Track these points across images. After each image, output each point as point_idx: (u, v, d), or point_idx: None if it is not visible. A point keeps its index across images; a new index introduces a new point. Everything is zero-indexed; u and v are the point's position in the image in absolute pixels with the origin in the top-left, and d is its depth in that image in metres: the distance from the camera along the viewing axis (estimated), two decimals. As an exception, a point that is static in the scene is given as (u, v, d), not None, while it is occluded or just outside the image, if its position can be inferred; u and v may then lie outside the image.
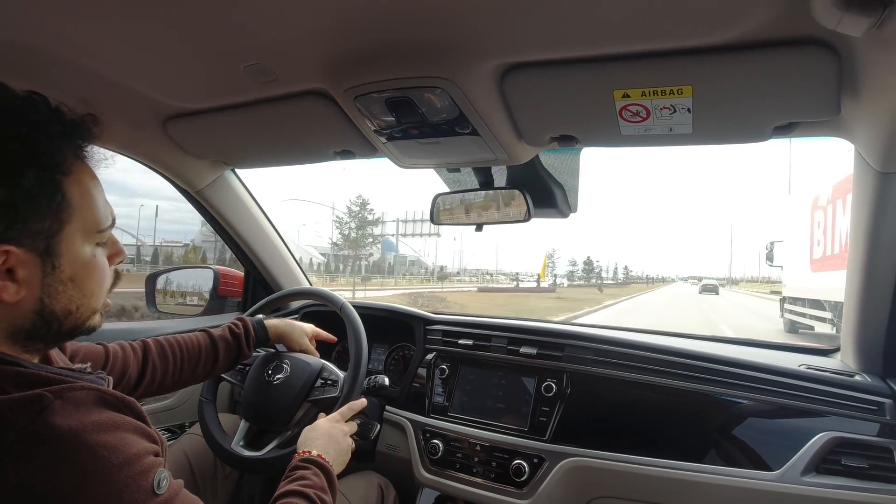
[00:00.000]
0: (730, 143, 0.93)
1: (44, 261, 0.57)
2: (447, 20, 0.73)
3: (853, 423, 0.98)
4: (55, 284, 0.58)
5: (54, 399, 0.51)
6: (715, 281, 60.40)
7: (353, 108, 0.95)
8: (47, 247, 0.57)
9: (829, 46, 0.69)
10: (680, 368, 1.11)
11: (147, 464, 0.54)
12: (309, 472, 0.83)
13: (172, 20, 0.78)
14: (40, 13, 0.78)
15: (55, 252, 0.57)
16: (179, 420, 1.55)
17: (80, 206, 0.59)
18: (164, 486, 0.55)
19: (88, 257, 0.61)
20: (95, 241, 0.62)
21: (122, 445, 0.52)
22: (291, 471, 0.84)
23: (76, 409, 0.52)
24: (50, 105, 0.59)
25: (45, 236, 0.56)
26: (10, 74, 0.91)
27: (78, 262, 0.60)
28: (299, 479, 0.81)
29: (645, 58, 0.76)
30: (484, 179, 1.23)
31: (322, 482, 0.82)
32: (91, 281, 0.62)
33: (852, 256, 1.06)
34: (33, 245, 0.55)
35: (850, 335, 1.13)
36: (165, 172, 1.44)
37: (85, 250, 0.61)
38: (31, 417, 0.49)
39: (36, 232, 0.55)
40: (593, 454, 1.10)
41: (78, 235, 0.59)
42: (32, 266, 0.56)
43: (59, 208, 0.57)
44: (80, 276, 0.60)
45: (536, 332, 1.29)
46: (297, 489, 0.78)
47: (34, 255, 0.56)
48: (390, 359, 1.58)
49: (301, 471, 0.83)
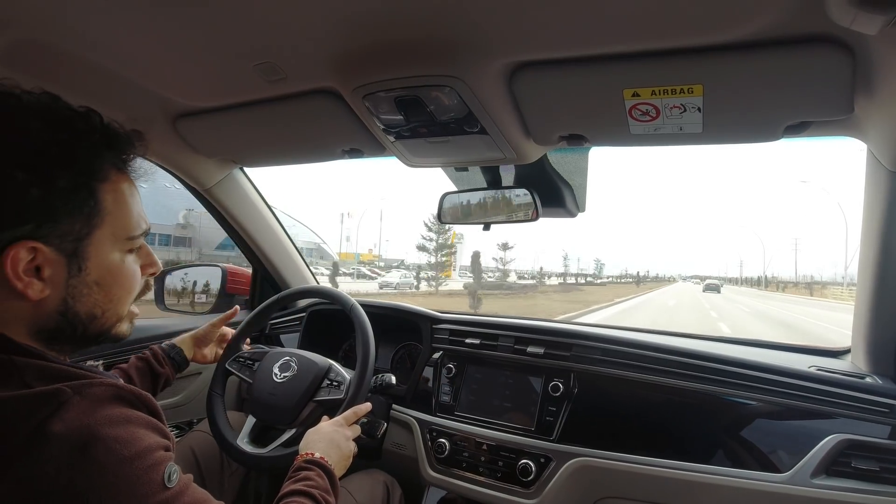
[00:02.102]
0: (741, 142, 0.92)
1: (70, 262, 0.59)
2: (456, 19, 0.73)
3: (864, 425, 0.97)
4: (80, 286, 0.60)
5: (73, 395, 0.52)
6: (717, 281, 61.32)
7: (362, 106, 0.96)
8: (75, 249, 0.59)
9: (842, 44, 0.68)
10: (688, 369, 1.11)
11: (158, 457, 0.55)
12: (313, 474, 0.84)
13: (185, 19, 0.78)
14: (54, 12, 0.78)
15: (83, 255, 0.59)
16: (187, 417, 1.56)
17: (113, 212, 0.61)
18: (175, 479, 0.56)
19: (117, 263, 0.63)
20: (126, 248, 0.64)
21: (134, 439, 0.54)
22: (295, 471, 0.85)
23: (93, 404, 0.53)
24: (99, 119, 0.61)
25: (74, 238, 0.58)
26: (23, 72, 0.92)
27: (105, 267, 0.62)
28: (304, 479, 0.83)
29: (655, 56, 0.76)
30: (492, 178, 1.23)
31: (325, 484, 0.84)
32: (117, 286, 0.64)
33: (863, 257, 1.05)
34: (61, 246, 0.57)
35: (860, 336, 1.12)
36: (175, 171, 1.45)
37: (114, 256, 0.63)
38: (49, 412, 0.50)
39: (66, 233, 0.57)
40: (600, 454, 1.10)
41: (107, 241, 0.62)
42: (59, 266, 0.58)
43: (91, 213, 0.59)
44: (107, 281, 0.62)
45: (543, 331, 1.29)
46: (302, 489, 0.79)
47: (61, 255, 0.58)
48: (397, 357, 1.58)
49: (305, 471, 0.85)
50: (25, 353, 0.56)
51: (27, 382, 0.53)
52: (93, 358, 1.26)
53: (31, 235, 0.55)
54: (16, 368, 0.54)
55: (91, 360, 1.24)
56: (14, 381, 0.53)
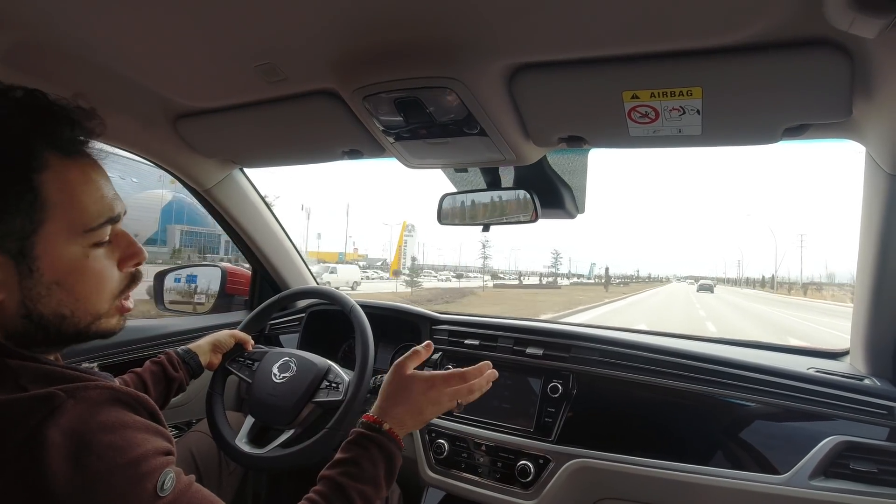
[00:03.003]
0: (740, 144, 0.93)
1: (18, 263, 0.54)
2: (456, 21, 0.74)
3: (862, 427, 0.97)
4: (36, 288, 0.55)
5: (67, 398, 0.50)
6: (710, 281, 62.19)
7: (362, 107, 0.96)
8: (21, 248, 0.53)
9: (841, 48, 0.68)
10: (687, 370, 1.11)
11: (153, 465, 0.53)
12: (364, 458, 0.74)
13: (186, 20, 0.79)
14: (54, 12, 0.79)
15: (31, 254, 0.54)
16: (186, 417, 1.56)
17: (61, 203, 0.55)
18: (169, 487, 0.53)
19: (77, 259, 0.57)
20: (89, 241, 0.58)
21: (129, 446, 0.52)
22: (348, 446, 0.76)
23: (88, 408, 0.51)
24: (30, 97, 0.55)
25: (17, 237, 0.53)
26: (22, 72, 0.93)
27: (63, 265, 0.56)
28: (349, 464, 0.73)
29: (654, 59, 0.76)
30: (491, 180, 1.23)
31: (376, 472, 0.74)
32: (82, 284, 0.58)
33: (862, 259, 1.06)
34: (4, 246, 0.53)
35: (859, 338, 1.13)
36: (174, 171, 1.45)
37: (72, 251, 0.57)
38: (43, 417, 0.48)
39: (5, 233, 0.52)
40: (599, 455, 1.10)
41: (60, 236, 0.55)
42: (6, 268, 0.53)
43: (32, 207, 0.53)
44: (69, 280, 0.57)
45: (543, 332, 1.29)
46: (339, 482, 0.70)
47: (6, 257, 0.53)
48: (396, 358, 1.58)
49: (357, 449, 0.75)
50: (19, 355, 0.54)
51: (21, 385, 0.51)
52: (93, 359, 1.26)
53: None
54: (10, 371, 0.52)
55: (86, 361, 1.24)
56: (8, 384, 0.51)
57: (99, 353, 1.29)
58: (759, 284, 76.24)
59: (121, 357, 1.36)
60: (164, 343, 1.48)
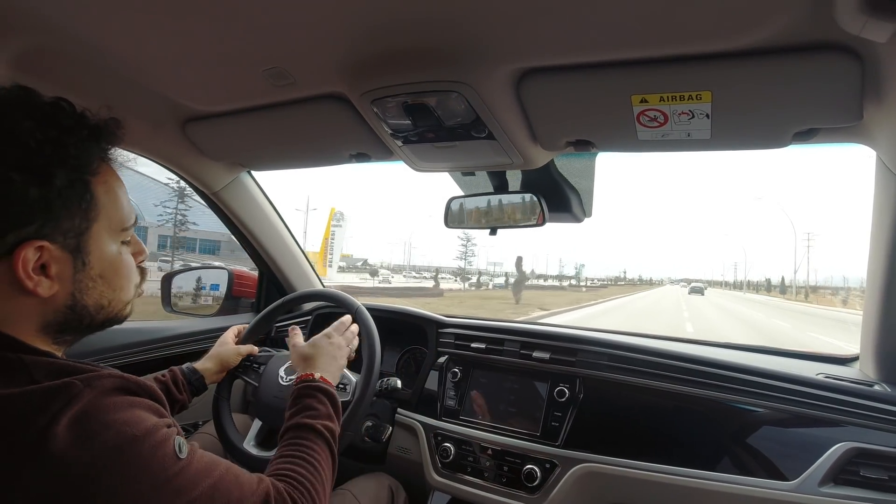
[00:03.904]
0: (749, 148, 0.92)
1: (75, 257, 0.60)
2: (465, 25, 0.74)
3: (872, 433, 0.96)
4: (86, 280, 0.62)
5: (83, 387, 0.54)
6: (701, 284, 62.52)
7: (370, 111, 0.96)
8: (78, 244, 0.60)
9: (851, 51, 0.68)
10: (695, 375, 1.10)
11: (165, 433, 0.57)
12: (314, 402, 0.86)
13: (195, 25, 0.79)
14: (65, 18, 0.79)
15: (85, 249, 0.61)
16: (192, 419, 1.56)
17: (107, 205, 0.62)
18: (185, 450, 0.58)
19: (115, 254, 0.65)
20: (121, 238, 0.65)
21: (139, 420, 0.55)
22: (297, 399, 0.87)
23: (101, 394, 0.55)
24: (76, 110, 0.62)
25: (75, 234, 0.59)
26: (34, 78, 0.93)
27: (106, 259, 0.63)
28: (306, 409, 0.84)
29: (663, 63, 0.76)
30: (498, 183, 1.23)
31: (328, 410, 0.86)
32: (119, 277, 0.66)
33: (872, 264, 1.05)
34: (65, 242, 0.59)
35: (869, 344, 1.11)
36: (183, 174, 1.46)
37: (111, 248, 0.64)
38: (62, 405, 0.52)
39: (67, 229, 0.58)
40: (606, 460, 1.09)
41: (105, 233, 0.63)
42: (64, 262, 0.59)
43: (88, 207, 0.60)
44: (109, 273, 0.64)
45: (549, 336, 1.28)
46: (305, 423, 0.82)
47: (66, 251, 0.59)
48: (402, 361, 1.58)
49: (307, 399, 0.86)
50: (33, 351, 0.58)
51: (36, 379, 0.54)
52: (98, 361, 1.27)
53: (36, 235, 0.56)
54: (25, 366, 0.55)
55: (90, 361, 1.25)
56: (24, 379, 0.54)
57: (104, 355, 1.30)
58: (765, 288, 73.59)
59: (126, 359, 1.37)
60: (169, 345, 1.48)
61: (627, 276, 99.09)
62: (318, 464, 0.77)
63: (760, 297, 51.64)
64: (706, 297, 39.29)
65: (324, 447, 0.80)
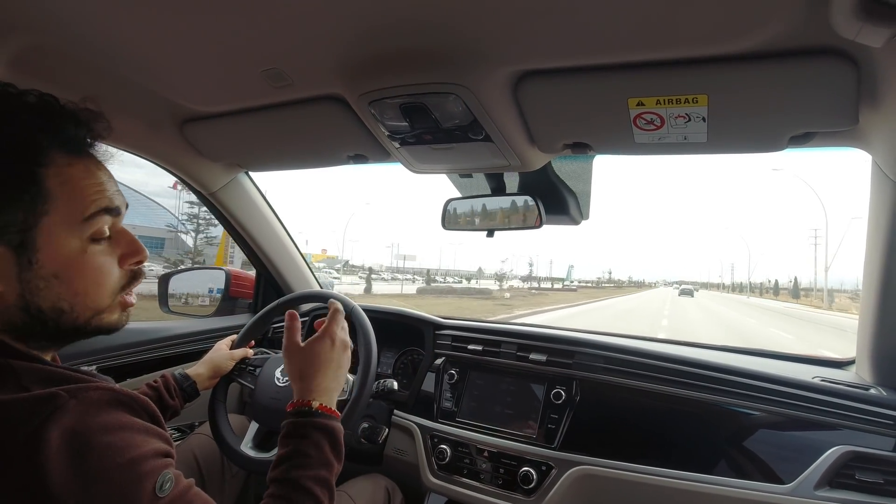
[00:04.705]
0: (745, 152, 0.93)
1: (18, 255, 0.55)
2: (463, 27, 0.74)
3: (868, 437, 0.97)
4: (35, 280, 0.56)
5: (69, 398, 0.51)
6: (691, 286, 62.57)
7: (368, 113, 0.96)
8: (22, 240, 0.55)
9: (847, 56, 0.68)
10: (692, 378, 1.10)
11: (152, 466, 0.53)
12: (308, 445, 0.74)
13: (193, 25, 0.79)
14: (62, 17, 0.79)
15: (32, 246, 0.55)
16: (189, 420, 1.56)
17: (61, 198, 0.57)
18: (168, 488, 0.54)
19: (75, 252, 0.58)
20: (86, 233, 0.59)
21: (128, 447, 0.52)
22: (287, 438, 0.76)
23: (89, 409, 0.52)
24: (39, 99, 0.57)
25: (18, 229, 0.54)
26: (30, 77, 0.93)
27: (62, 257, 0.57)
28: (297, 457, 0.73)
29: (660, 66, 0.76)
30: (496, 185, 1.23)
31: (324, 454, 0.74)
32: (80, 278, 0.59)
33: (868, 268, 1.05)
34: (5, 237, 0.54)
35: (865, 347, 1.12)
36: (180, 174, 1.46)
37: (70, 244, 0.58)
38: (45, 417, 0.49)
39: (7, 224, 0.54)
40: (602, 463, 1.10)
41: (61, 229, 0.57)
42: (6, 259, 0.55)
43: (35, 200, 0.55)
44: (67, 273, 0.58)
45: (546, 338, 1.29)
46: (293, 479, 0.70)
47: (7, 248, 0.54)
48: (399, 363, 1.58)
49: (300, 442, 0.75)
50: (23, 356, 0.55)
51: (24, 385, 0.52)
52: (92, 362, 1.27)
53: None
54: (13, 372, 0.53)
55: (86, 364, 1.24)
56: (11, 385, 0.52)
57: (99, 356, 1.30)
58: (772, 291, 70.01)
59: (121, 360, 1.36)
60: (165, 346, 1.48)
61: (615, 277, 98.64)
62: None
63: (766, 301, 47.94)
64: (695, 300, 39.66)
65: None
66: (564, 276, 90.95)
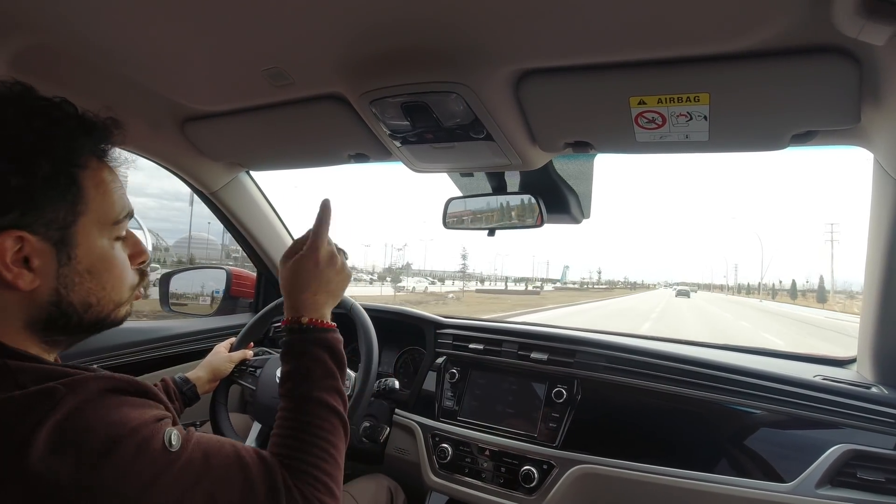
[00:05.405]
0: (747, 150, 0.93)
1: (59, 250, 0.58)
2: (464, 26, 0.74)
3: (869, 435, 0.96)
4: (71, 275, 0.59)
5: (66, 392, 0.52)
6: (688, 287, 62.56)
7: (369, 112, 0.96)
8: (62, 237, 0.58)
9: (849, 54, 0.68)
10: (693, 377, 1.10)
11: (152, 428, 0.55)
12: (308, 360, 0.77)
13: (194, 25, 0.79)
14: (63, 17, 0.79)
15: (71, 242, 0.59)
16: (190, 419, 1.56)
17: (96, 199, 0.61)
18: (177, 442, 0.56)
19: (106, 250, 0.63)
20: (113, 234, 0.63)
21: (125, 419, 0.53)
22: (286, 356, 0.78)
23: (87, 399, 0.53)
24: (73, 108, 0.61)
25: (59, 226, 0.58)
26: (32, 77, 0.93)
27: (95, 254, 0.61)
28: (297, 373, 0.76)
29: (662, 65, 0.76)
30: (497, 184, 1.23)
31: (326, 366, 0.77)
32: (110, 274, 0.63)
33: (870, 267, 1.05)
34: (48, 234, 0.57)
35: (866, 346, 1.12)
36: (181, 173, 1.46)
37: (102, 243, 0.62)
38: (45, 411, 0.49)
39: (51, 221, 0.57)
40: (604, 462, 1.10)
41: (94, 227, 0.61)
42: (47, 255, 0.57)
43: (75, 200, 0.59)
44: (98, 269, 0.62)
45: (547, 337, 1.29)
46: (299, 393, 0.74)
47: (49, 244, 0.57)
48: (400, 362, 1.58)
49: (299, 359, 0.77)
50: (20, 356, 0.56)
51: (21, 384, 0.52)
52: (93, 361, 1.27)
53: (16, 224, 0.54)
54: (9, 372, 0.53)
55: (86, 364, 1.24)
56: (7, 384, 0.52)
57: (99, 356, 1.30)
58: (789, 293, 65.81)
59: (121, 359, 1.36)
60: (165, 345, 1.48)
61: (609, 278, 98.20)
62: (329, 446, 0.71)
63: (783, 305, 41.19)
64: (691, 301, 39.73)
65: (331, 418, 0.73)
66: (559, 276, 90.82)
